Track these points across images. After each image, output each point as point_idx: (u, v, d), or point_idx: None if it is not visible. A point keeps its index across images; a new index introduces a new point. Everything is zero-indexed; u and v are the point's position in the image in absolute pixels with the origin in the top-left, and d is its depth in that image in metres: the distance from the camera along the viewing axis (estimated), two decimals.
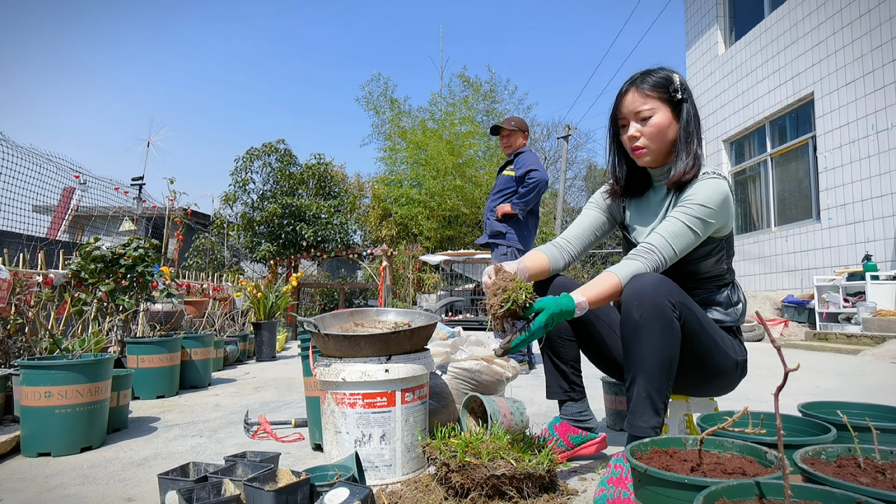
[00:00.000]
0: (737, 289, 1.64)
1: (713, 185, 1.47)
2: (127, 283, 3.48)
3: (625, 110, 1.56)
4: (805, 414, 1.24)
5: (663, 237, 1.44)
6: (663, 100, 1.52)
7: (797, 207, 7.96)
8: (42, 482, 1.67)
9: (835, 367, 4.23)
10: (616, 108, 1.60)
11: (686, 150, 1.53)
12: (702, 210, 1.44)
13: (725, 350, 1.50)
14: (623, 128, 1.59)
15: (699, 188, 1.47)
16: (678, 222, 1.45)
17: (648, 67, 1.59)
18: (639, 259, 1.43)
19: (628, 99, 1.55)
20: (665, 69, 1.57)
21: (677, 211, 1.47)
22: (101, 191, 6.56)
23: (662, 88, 1.52)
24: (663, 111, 1.53)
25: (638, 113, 1.53)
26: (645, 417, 1.39)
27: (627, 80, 1.58)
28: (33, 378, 1.95)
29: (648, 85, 1.53)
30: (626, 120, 1.57)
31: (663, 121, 1.53)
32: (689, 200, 1.46)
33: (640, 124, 1.54)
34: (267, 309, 5.51)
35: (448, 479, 1.36)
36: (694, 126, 1.55)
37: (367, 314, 2.00)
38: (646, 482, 0.91)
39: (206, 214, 11.77)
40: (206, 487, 1.27)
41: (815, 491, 0.77)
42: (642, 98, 1.53)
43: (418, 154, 13.12)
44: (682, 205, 1.48)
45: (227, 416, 2.62)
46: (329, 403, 1.64)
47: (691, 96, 1.56)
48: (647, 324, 1.34)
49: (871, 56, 6.49)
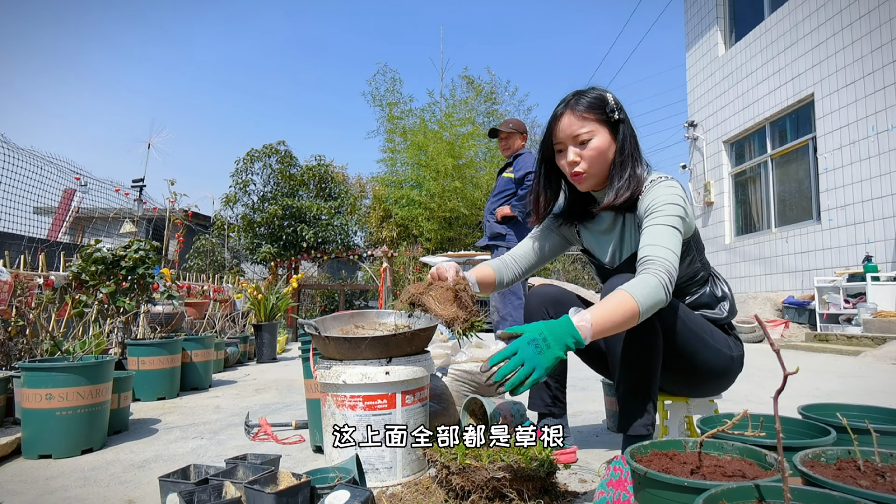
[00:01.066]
0: (717, 281, 1.63)
1: (667, 187, 1.44)
2: (128, 284, 3.48)
3: (561, 134, 1.49)
4: (805, 416, 1.25)
5: (658, 245, 1.34)
6: (601, 121, 1.47)
7: (797, 208, 7.96)
8: (43, 484, 1.67)
9: (835, 368, 4.22)
10: (550, 133, 1.52)
11: (620, 174, 1.47)
12: (674, 209, 1.40)
13: (717, 347, 1.50)
14: (559, 153, 1.52)
15: (657, 193, 1.43)
16: (661, 227, 1.37)
17: (579, 89, 1.53)
18: (649, 273, 1.29)
19: (564, 122, 1.48)
20: (597, 89, 1.51)
21: (651, 219, 1.40)
22: (101, 192, 6.58)
23: (598, 109, 1.47)
24: (602, 133, 1.47)
25: (576, 136, 1.46)
26: (634, 416, 1.44)
27: (560, 103, 1.52)
28: (34, 380, 1.96)
29: (584, 106, 1.47)
30: (562, 145, 1.50)
31: (603, 143, 1.47)
32: (656, 206, 1.41)
33: (578, 148, 1.47)
34: (267, 310, 5.51)
35: (448, 482, 1.36)
36: (630, 147, 1.49)
37: (367, 316, 2.00)
38: (646, 485, 0.91)
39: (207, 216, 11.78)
40: (206, 490, 1.27)
41: (815, 494, 0.77)
42: (579, 120, 1.46)
43: (418, 155, 13.12)
44: (651, 213, 1.41)
45: (227, 418, 2.62)
46: (330, 405, 1.64)
47: (627, 116, 1.51)
48: None
49: (872, 57, 6.49)
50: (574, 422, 2.38)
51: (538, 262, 1.72)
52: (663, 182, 1.45)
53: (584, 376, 3.35)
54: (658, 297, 1.26)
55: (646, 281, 1.27)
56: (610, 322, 1.22)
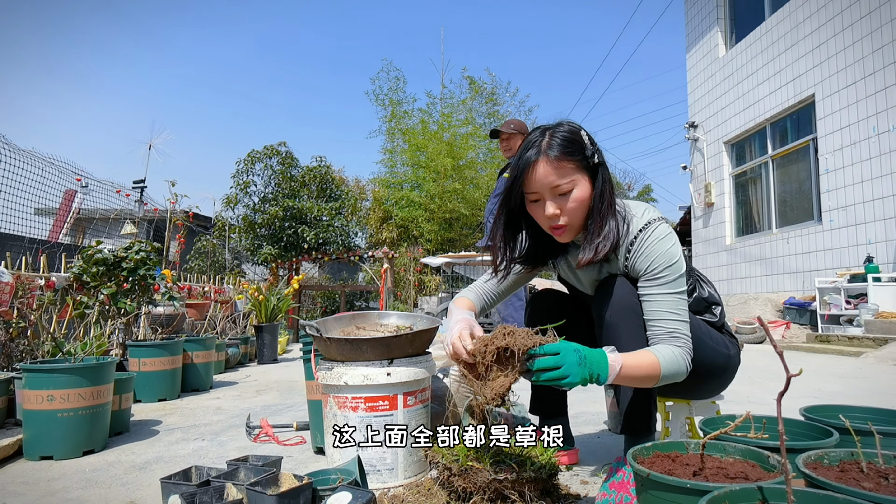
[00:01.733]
0: (703, 285, 1.61)
1: (659, 240, 1.36)
2: (129, 286, 3.48)
3: (537, 185, 1.33)
4: (807, 418, 1.24)
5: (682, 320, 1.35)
6: (580, 167, 1.33)
7: (798, 209, 7.96)
8: (45, 486, 1.67)
9: (837, 369, 4.22)
10: (520, 181, 1.35)
11: (599, 227, 1.35)
12: (677, 269, 1.35)
13: (715, 347, 1.51)
14: (534, 202, 1.38)
15: (653, 252, 1.35)
16: (670, 297, 1.35)
17: (547, 125, 1.38)
18: (675, 344, 1.32)
19: (540, 172, 1.31)
20: (568, 124, 1.37)
21: (656, 287, 1.35)
22: (102, 194, 6.58)
23: (576, 154, 1.32)
24: (582, 182, 1.34)
25: (556, 188, 1.32)
26: (635, 416, 1.45)
27: (530, 146, 1.34)
28: (35, 381, 1.96)
29: (560, 151, 1.31)
30: (538, 195, 1.35)
31: (584, 193, 1.34)
32: (659, 269, 1.35)
33: (557, 200, 1.34)
34: (268, 311, 5.51)
35: (450, 483, 1.36)
36: (609, 193, 1.36)
37: (368, 317, 2.00)
38: (648, 486, 0.91)
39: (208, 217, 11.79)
40: (208, 491, 1.27)
41: (818, 496, 0.77)
42: (557, 170, 1.31)
43: (418, 156, 13.12)
44: (651, 277, 1.36)
45: (228, 420, 2.62)
46: (331, 407, 1.64)
47: (602, 154, 1.37)
48: (619, 322, 1.39)
49: (873, 58, 6.49)
50: (575, 423, 2.38)
51: (511, 291, 1.67)
52: (655, 231, 1.36)
53: None
54: (679, 373, 1.32)
55: (674, 357, 1.30)
56: (633, 377, 1.27)
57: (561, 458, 1.69)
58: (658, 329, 1.35)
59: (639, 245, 1.37)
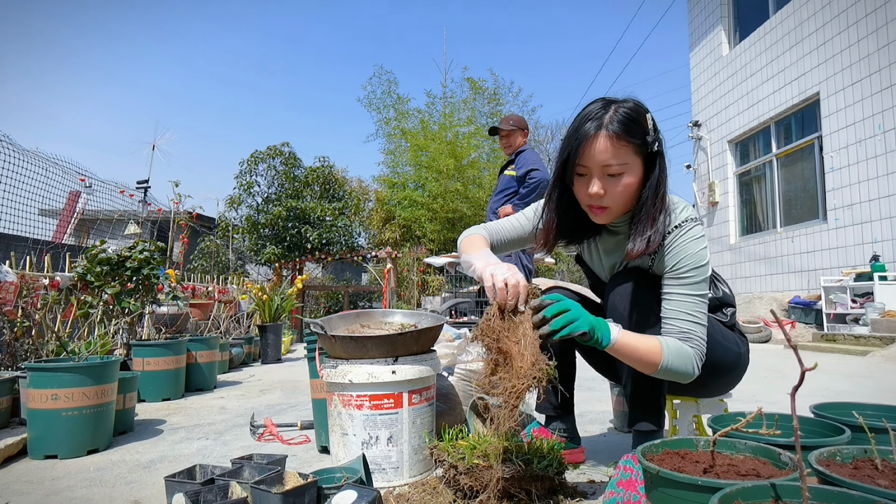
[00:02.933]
0: (718, 284, 1.60)
1: (694, 240, 1.33)
2: (132, 285, 3.48)
3: (590, 160, 1.27)
4: (818, 415, 1.23)
5: (699, 323, 1.33)
6: (637, 152, 1.28)
7: (803, 208, 7.92)
8: (49, 485, 1.67)
9: (843, 368, 4.19)
10: (576, 153, 1.28)
11: (652, 219, 1.30)
12: (704, 272, 1.34)
13: (726, 344, 1.49)
14: (580, 176, 1.32)
15: (685, 251, 1.33)
16: (691, 298, 1.33)
17: (612, 97, 1.31)
18: (688, 344, 1.31)
19: (598, 147, 1.26)
20: (634, 102, 1.30)
21: (679, 286, 1.33)
22: (106, 194, 6.59)
23: (638, 136, 1.27)
24: (636, 167, 1.29)
25: (607, 167, 1.27)
26: (644, 412, 1.43)
27: (591, 119, 1.27)
28: (40, 380, 1.96)
29: (621, 129, 1.25)
30: (586, 170, 1.30)
31: (634, 180, 1.29)
32: (686, 268, 1.33)
33: (605, 180, 1.29)
34: (272, 311, 5.51)
35: (456, 482, 1.35)
36: (664, 185, 1.31)
37: (373, 316, 1.99)
38: (658, 484, 0.90)
39: (211, 217, 11.81)
40: (213, 490, 1.26)
41: (833, 493, 0.75)
42: (615, 149, 1.25)
43: (420, 156, 13.12)
44: (676, 276, 1.34)
45: (232, 419, 2.62)
46: (336, 405, 1.63)
47: (664, 144, 1.31)
48: (632, 316, 1.38)
49: (878, 55, 6.46)
50: (581, 422, 2.36)
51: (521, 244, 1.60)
52: (689, 231, 1.33)
53: (589, 377, 3.32)
54: (684, 372, 1.31)
55: (683, 354, 1.29)
56: (630, 353, 1.27)
57: (567, 456, 1.68)
58: (672, 328, 1.34)
59: (671, 241, 1.35)
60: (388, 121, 13.97)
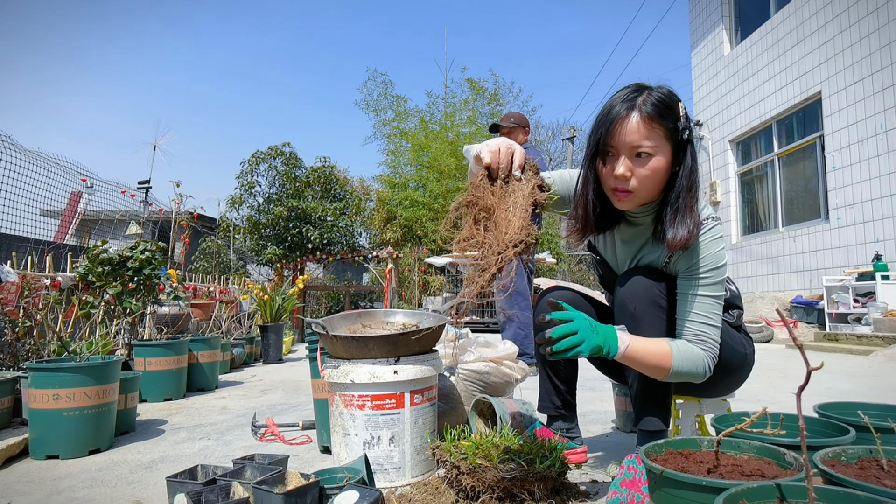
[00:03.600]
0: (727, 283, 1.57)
1: (715, 240, 1.33)
2: (134, 285, 3.48)
3: (619, 139, 1.26)
4: (822, 415, 1.22)
5: (713, 325, 1.33)
6: (667, 136, 1.26)
7: (805, 207, 7.90)
8: (50, 485, 1.67)
9: (846, 368, 4.18)
10: (607, 132, 1.27)
11: (688, 210, 1.28)
12: (722, 273, 1.34)
13: (733, 345, 1.49)
14: (607, 155, 1.30)
15: (706, 250, 1.33)
16: (707, 299, 1.32)
17: (645, 83, 1.30)
18: (700, 346, 1.31)
19: (629, 126, 1.25)
20: (668, 89, 1.30)
21: (696, 286, 1.33)
22: (107, 194, 6.60)
23: (669, 120, 1.26)
24: (665, 151, 1.27)
25: (636, 147, 1.25)
26: (650, 412, 1.42)
27: (624, 99, 1.27)
28: (41, 381, 1.95)
29: (654, 110, 1.24)
30: (615, 150, 1.28)
31: (662, 164, 1.27)
32: (706, 268, 1.32)
33: (632, 161, 1.27)
34: (273, 311, 5.51)
35: (458, 482, 1.34)
36: (696, 174, 1.30)
37: (375, 315, 1.99)
38: (662, 484, 0.89)
39: (212, 217, 11.82)
40: (214, 490, 1.26)
41: (839, 493, 0.75)
42: (647, 130, 1.24)
43: (421, 156, 13.12)
44: (693, 276, 1.33)
45: (234, 419, 2.61)
46: (337, 405, 1.63)
47: (693, 133, 1.31)
48: (642, 315, 1.37)
49: (880, 54, 6.44)
50: (583, 422, 2.36)
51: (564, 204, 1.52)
52: (711, 230, 1.33)
53: (592, 377, 3.32)
54: (695, 373, 1.31)
55: (693, 356, 1.30)
56: (640, 360, 1.26)
57: (570, 456, 1.68)
58: (686, 329, 1.34)
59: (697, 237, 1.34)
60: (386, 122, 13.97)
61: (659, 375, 1.30)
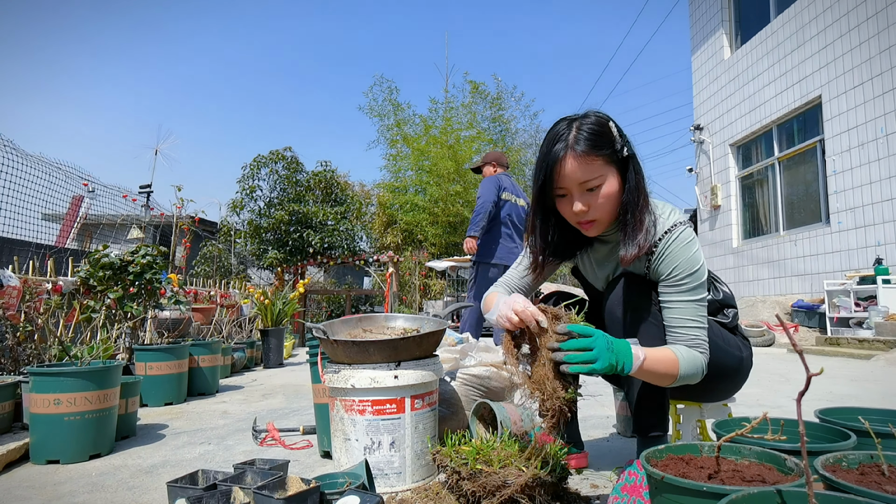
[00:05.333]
0: (717, 285, 1.60)
1: (685, 245, 1.34)
2: (135, 290, 3.49)
3: (564, 182, 1.30)
4: (822, 420, 1.22)
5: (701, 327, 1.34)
6: (609, 161, 1.29)
7: (806, 211, 7.90)
8: (51, 490, 1.66)
9: (847, 372, 4.17)
10: (550, 176, 1.30)
11: (637, 223, 1.32)
12: (699, 276, 1.34)
13: (728, 349, 1.49)
14: (562, 197, 1.34)
15: (678, 257, 1.33)
16: (691, 304, 1.33)
17: (573, 115, 1.33)
18: (697, 350, 1.33)
19: (568, 167, 1.28)
20: (595, 115, 1.32)
21: (677, 294, 1.34)
22: (109, 199, 6.60)
23: (605, 147, 1.28)
24: (612, 174, 1.30)
25: (584, 183, 1.29)
26: (649, 417, 1.42)
27: (558, 140, 1.29)
28: (42, 385, 1.95)
29: (588, 145, 1.27)
30: (566, 190, 1.32)
31: (613, 188, 1.30)
32: (681, 275, 1.33)
33: (586, 196, 1.30)
34: (274, 316, 5.51)
35: (459, 487, 1.34)
36: (643, 186, 1.33)
37: (375, 320, 1.99)
38: (662, 489, 0.89)
39: (214, 222, 11.84)
40: (215, 495, 1.26)
41: (839, 499, 0.75)
42: (586, 165, 1.27)
43: (422, 160, 13.15)
44: (672, 284, 1.34)
45: (235, 424, 2.61)
46: (338, 410, 1.63)
47: (633, 147, 1.34)
48: (632, 321, 1.39)
49: (880, 58, 6.45)
50: (584, 427, 2.36)
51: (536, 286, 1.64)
52: (679, 236, 1.34)
53: (592, 381, 3.32)
54: (695, 377, 1.32)
55: (694, 360, 1.31)
56: (653, 372, 1.26)
57: (571, 461, 1.67)
58: (679, 335, 1.35)
59: (663, 248, 1.35)
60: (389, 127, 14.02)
61: (666, 383, 1.31)
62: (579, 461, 1.72)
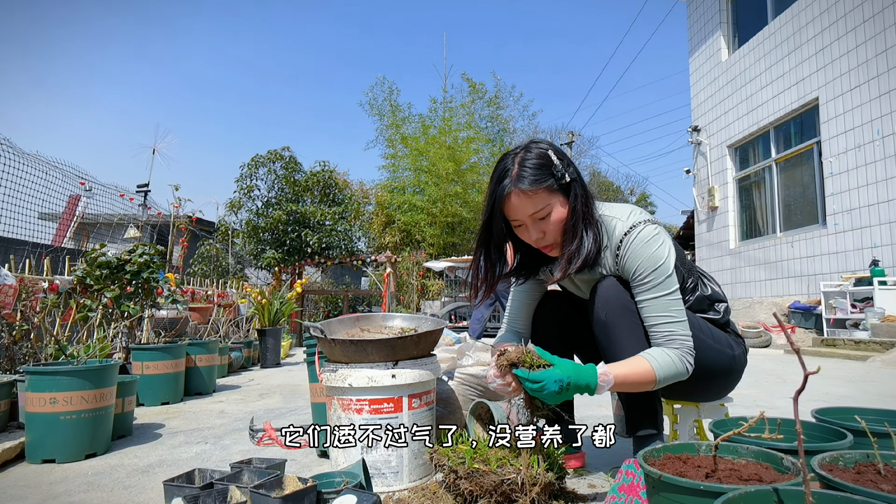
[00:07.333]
0: (706, 282, 1.60)
1: (645, 244, 1.36)
2: (132, 289, 3.48)
3: (516, 214, 1.38)
4: (819, 420, 1.22)
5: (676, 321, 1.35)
6: (552, 190, 1.35)
7: (803, 213, 7.93)
8: (47, 489, 1.66)
9: (844, 373, 4.18)
10: (500, 210, 1.38)
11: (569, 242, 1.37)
12: (666, 269, 1.36)
13: (718, 348, 1.49)
14: (519, 227, 1.42)
15: (641, 255, 1.36)
16: (660, 300, 1.35)
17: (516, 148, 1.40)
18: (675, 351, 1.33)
19: (514, 202, 1.35)
20: (536, 147, 1.38)
21: (645, 292, 1.36)
22: (106, 198, 6.59)
23: (547, 178, 1.34)
24: (557, 203, 1.37)
25: (533, 215, 1.36)
26: (641, 416, 1.43)
27: (504, 177, 1.36)
28: (38, 384, 1.95)
29: (530, 182, 1.33)
30: (519, 221, 1.40)
31: (561, 214, 1.37)
32: (646, 272, 1.35)
33: (539, 224, 1.38)
34: (271, 315, 5.51)
35: (456, 486, 1.34)
36: (582, 206, 1.38)
37: (373, 319, 1.99)
38: (660, 489, 0.89)
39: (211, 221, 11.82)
40: (212, 494, 1.25)
41: (837, 498, 0.75)
42: (532, 199, 1.34)
43: (420, 161, 13.15)
44: (639, 283, 1.37)
45: (231, 423, 2.61)
46: (335, 409, 1.63)
47: (574, 166, 1.39)
48: (615, 321, 1.40)
49: (876, 60, 6.48)
50: None
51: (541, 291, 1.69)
52: (638, 235, 1.36)
53: None
54: (678, 374, 1.34)
55: (670, 360, 1.32)
56: (629, 383, 1.31)
57: (568, 461, 1.68)
58: (655, 333, 1.37)
59: (625, 249, 1.38)
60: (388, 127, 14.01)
61: (647, 389, 1.34)
62: (577, 461, 1.72)
